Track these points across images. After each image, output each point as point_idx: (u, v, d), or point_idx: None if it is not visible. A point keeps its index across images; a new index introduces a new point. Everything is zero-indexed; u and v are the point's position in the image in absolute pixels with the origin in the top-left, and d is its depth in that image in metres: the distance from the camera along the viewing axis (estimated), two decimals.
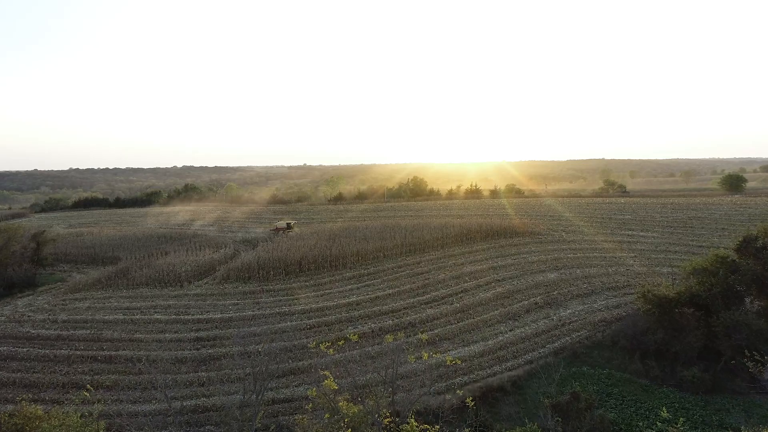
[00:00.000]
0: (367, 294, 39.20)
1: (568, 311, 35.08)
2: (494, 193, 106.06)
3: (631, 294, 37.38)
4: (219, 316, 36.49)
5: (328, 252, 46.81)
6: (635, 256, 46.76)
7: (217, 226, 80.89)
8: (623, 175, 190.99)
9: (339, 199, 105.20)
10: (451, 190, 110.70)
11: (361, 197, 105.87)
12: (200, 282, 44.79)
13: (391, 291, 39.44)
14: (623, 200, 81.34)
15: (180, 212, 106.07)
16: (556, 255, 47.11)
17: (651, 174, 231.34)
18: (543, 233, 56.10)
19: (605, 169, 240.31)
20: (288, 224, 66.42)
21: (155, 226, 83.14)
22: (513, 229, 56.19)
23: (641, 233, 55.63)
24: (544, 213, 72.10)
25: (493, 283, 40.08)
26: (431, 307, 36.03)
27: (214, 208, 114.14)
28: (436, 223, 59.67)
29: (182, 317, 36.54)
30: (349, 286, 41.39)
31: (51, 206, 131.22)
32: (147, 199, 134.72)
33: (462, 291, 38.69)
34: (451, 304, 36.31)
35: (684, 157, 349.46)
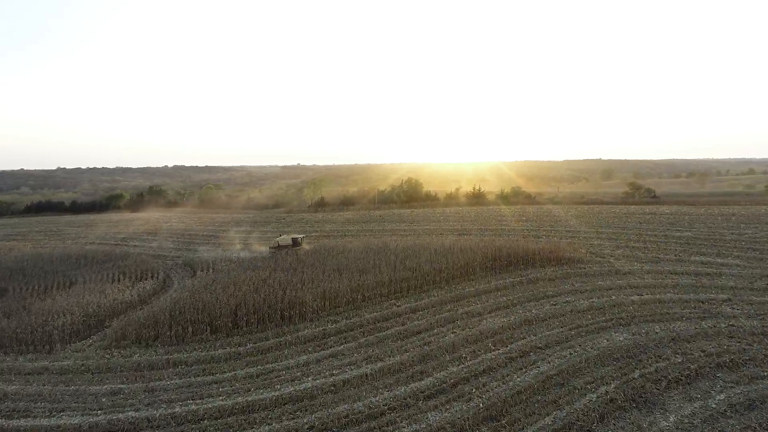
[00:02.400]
0: (331, 374, 24.27)
1: (671, 419, 20.22)
2: (500, 198, 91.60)
3: (764, 378, 22.71)
4: (77, 420, 21.46)
5: (281, 294, 31.81)
6: (729, 299, 31.96)
7: (166, 240, 65.84)
8: (627, 175, 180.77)
9: (321, 204, 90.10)
10: (450, 193, 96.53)
11: (346, 203, 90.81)
12: (82, 343, 29.70)
13: (369, 369, 24.53)
14: (667, 209, 66.45)
15: (137, 220, 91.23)
16: (613, 297, 32.34)
17: (651, 174, 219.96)
18: (584, 260, 41.20)
19: (606, 169, 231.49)
20: (294, 240, 49.05)
21: (91, 240, 68.15)
22: (541, 253, 41.33)
23: (718, 259, 40.66)
24: (572, 226, 57.41)
25: (531, 354, 25.23)
26: (435, 407, 21.11)
27: (181, 215, 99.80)
28: (437, 243, 44.70)
29: (14, 422, 21.52)
30: (305, 356, 26.46)
31: None
32: (107, 204, 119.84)
33: (484, 371, 23.81)
34: (469, 400, 21.39)
35: (681, 158, 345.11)
